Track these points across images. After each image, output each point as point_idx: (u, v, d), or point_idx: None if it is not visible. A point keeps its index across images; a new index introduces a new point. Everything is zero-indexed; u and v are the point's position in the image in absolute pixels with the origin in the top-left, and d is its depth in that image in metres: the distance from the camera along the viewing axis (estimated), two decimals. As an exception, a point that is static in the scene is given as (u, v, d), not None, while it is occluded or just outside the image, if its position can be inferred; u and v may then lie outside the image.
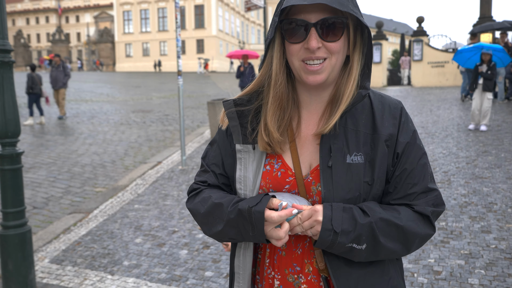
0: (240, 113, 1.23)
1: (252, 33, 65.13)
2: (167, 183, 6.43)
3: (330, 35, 1.10)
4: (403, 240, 1.13)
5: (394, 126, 1.17)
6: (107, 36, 59.47)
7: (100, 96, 18.90)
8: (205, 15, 51.65)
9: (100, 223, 5.00)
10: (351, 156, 1.14)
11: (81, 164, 7.77)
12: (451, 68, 18.43)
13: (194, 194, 1.30)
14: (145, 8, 54.72)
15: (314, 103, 1.22)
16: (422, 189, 1.16)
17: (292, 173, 1.18)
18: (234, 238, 1.19)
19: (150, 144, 9.40)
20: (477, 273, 3.35)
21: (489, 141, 7.66)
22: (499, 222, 4.26)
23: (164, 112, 13.90)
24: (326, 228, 1.07)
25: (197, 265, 3.82)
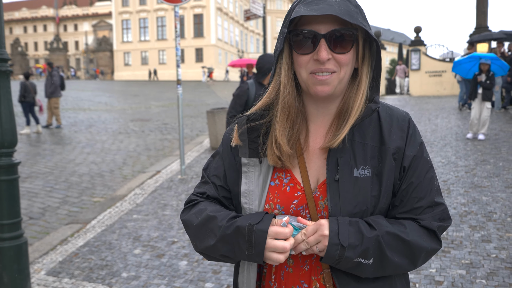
0: (251, 128, 1.22)
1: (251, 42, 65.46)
2: (166, 193, 6.41)
3: (339, 47, 1.09)
4: (409, 254, 1.12)
5: (402, 139, 1.15)
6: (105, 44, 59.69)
7: (98, 104, 18.92)
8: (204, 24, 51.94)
9: (98, 234, 4.97)
10: (358, 169, 1.13)
11: (78, 173, 7.75)
12: (448, 77, 18.52)
13: (191, 206, 1.27)
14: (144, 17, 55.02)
15: (321, 116, 1.21)
16: (429, 204, 1.15)
17: (300, 188, 1.17)
18: (225, 255, 1.16)
19: (149, 153, 9.38)
20: (478, 283, 3.34)
21: (487, 150, 7.68)
22: (499, 231, 4.25)
23: (163, 121, 13.91)
24: (333, 242, 1.05)
25: (197, 276, 3.79)
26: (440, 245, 1.17)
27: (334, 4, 1.05)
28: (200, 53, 51.81)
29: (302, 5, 1.08)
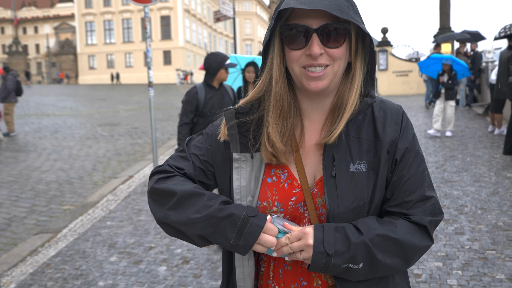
0: (241, 122, 1.19)
1: (220, 44, 65.32)
2: (140, 198, 6.31)
3: (332, 41, 1.08)
4: (401, 254, 1.10)
5: (396, 131, 1.15)
6: (68, 47, 58.16)
7: (63, 109, 18.42)
8: (172, 26, 51.40)
9: (71, 243, 4.83)
10: (355, 164, 1.12)
11: (45, 181, 7.52)
12: (414, 77, 19.07)
13: (166, 177, 1.19)
14: (109, 19, 53.94)
15: (315, 111, 1.20)
16: (419, 197, 1.14)
17: (298, 185, 1.16)
18: (203, 237, 1.10)
19: (120, 158, 9.21)
20: (454, 274, 3.45)
21: (455, 146, 7.95)
22: (471, 223, 4.41)
23: (132, 125, 13.68)
24: (318, 251, 1.05)
25: (177, 281, 3.75)
26: (431, 241, 1.16)
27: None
28: (168, 55, 51.25)
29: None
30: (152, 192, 1.19)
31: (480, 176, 5.91)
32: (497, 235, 4.08)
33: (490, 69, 10.68)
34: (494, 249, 3.80)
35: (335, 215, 1.10)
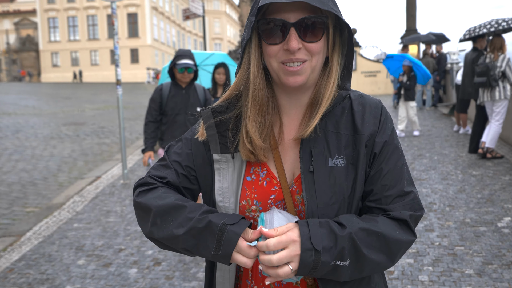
0: (219, 122, 1.16)
1: (189, 42, 64.72)
2: (109, 199, 6.15)
3: (310, 36, 1.06)
4: (386, 249, 1.08)
5: (375, 125, 1.13)
6: (30, 44, 56.21)
7: (25, 108, 17.78)
8: (139, 23, 50.49)
9: (35, 246, 4.66)
10: (333, 159, 1.11)
11: (7, 182, 7.23)
12: (382, 77, 19.50)
13: (147, 190, 1.16)
14: (73, 15, 52.42)
15: (294, 107, 1.18)
16: (398, 192, 1.12)
17: (277, 182, 1.14)
18: (187, 250, 1.09)
19: (86, 158, 8.97)
20: (426, 270, 3.53)
21: (423, 145, 8.16)
22: (440, 220, 4.53)
23: (99, 124, 13.35)
24: (306, 248, 0.99)
25: (149, 283, 3.67)
26: (414, 235, 1.13)
27: None
28: (136, 53, 50.34)
29: None
30: (135, 207, 1.18)
31: (447, 174, 6.09)
32: (465, 231, 4.20)
33: (455, 70, 11.04)
34: (463, 245, 3.91)
35: (313, 211, 1.08)
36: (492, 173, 5.94)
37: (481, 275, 3.38)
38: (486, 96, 6.62)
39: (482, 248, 3.81)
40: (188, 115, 4.19)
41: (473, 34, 7.22)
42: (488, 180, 5.67)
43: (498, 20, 6.91)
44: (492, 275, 3.35)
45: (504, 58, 6.40)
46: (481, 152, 6.67)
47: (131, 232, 4.84)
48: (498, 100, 6.48)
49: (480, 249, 3.80)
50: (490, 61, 6.52)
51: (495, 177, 5.75)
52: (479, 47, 7.33)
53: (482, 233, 4.13)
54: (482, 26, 7.08)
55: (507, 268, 3.43)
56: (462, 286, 3.25)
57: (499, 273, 3.38)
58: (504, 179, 5.63)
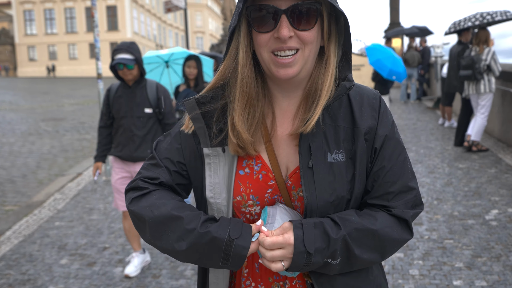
0: (205, 113, 1.11)
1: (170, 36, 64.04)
2: (91, 196, 6.03)
3: (302, 23, 1.02)
4: (379, 248, 1.08)
5: (373, 118, 1.11)
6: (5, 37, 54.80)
7: (1, 104, 17.37)
8: (119, 16, 49.71)
9: (15, 246, 4.54)
10: (332, 154, 1.07)
11: (-16, 180, 7.04)
12: (366, 71, 19.60)
13: (140, 196, 1.12)
14: (49, 8, 51.30)
15: (286, 99, 1.14)
16: (401, 188, 1.11)
17: (273, 176, 1.10)
18: (193, 263, 1.09)
19: (66, 154, 8.79)
20: (416, 264, 3.55)
21: (408, 138, 8.23)
22: (428, 214, 4.56)
23: (79, 119, 13.12)
24: (299, 250, 1.00)
25: (135, 282, 3.60)
26: (411, 234, 1.13)
27: None
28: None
29: None
30: (130, 214, 1.15)
31: (434, 168, 6.15)
32: (454, 224, 4.24)
33: (439, 63, 11.15)
34: (452, 238, 3.95)
35: (313, 209, 1.06)
36: (478, 166, 6.01)
37: (471, 268, 3.41)
38: (471, 89, 6.69)
39: (471, 241, 3.85)
40: (134, 118, 3.58)
41: (458, 28, 7.29)
42: (474, 173, 5.75)
43: (483, 13, 6.99)
44: (482, 268, 3.39)
45: (489, 51, 6.47)
46: (467, 145, 6.75)
47: (116, 229, 4.75)
48: (483, 93, 6.56)
49: (469, 242, 3.83)
50: (475, 54, 6.58)
51: (481, 170, 5.82)
52: (464, 40, 7.41)
53: (470, 226, 4.17)
54: (467, 19, 7.15)
55: (497, 261, 3.47)
56: (452, 279, 3.28)
57: (489, 265, 3.42)
58: (490, 172, 5.71)
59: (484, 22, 6.85)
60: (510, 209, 4.45)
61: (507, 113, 7.00)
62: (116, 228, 4.79)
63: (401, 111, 11.43)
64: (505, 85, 7.00)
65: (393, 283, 3.30)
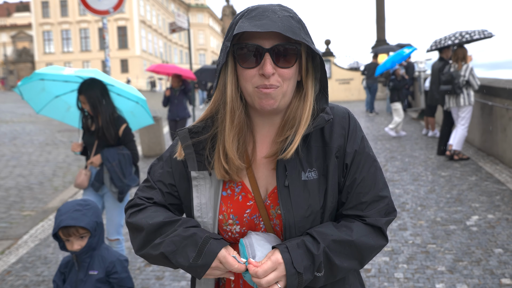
0: (196, 142, 1.14)
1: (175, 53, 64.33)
2: (102, 203, 5.99)
3: (283, 61, 1.05)
4: (357, 256, 1.09)
5: (343, 136, 1.12)
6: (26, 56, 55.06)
7: (22, 116, 17.34)
8: (128, 36, 50.05)
9: (32, 249, 4.49)
10: (306, 172, 1.09)
11: (4, 187, 7.00)
12: (355, 84, 19.69)
13: (138, 210, 1.15)
14: (66, 29, 51.59)
15: (267, 126, 1.16)
16: (373, 198, 1.12)
17: (252, 197, 1.12)
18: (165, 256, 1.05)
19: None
20: (401, 268, 3.50)
21: (394, 148, 8.20)
22: (412, 219, 4.52)
23: (92, 131, 13.08)
24: (291, 273, 1.01)
25: (140, 284, 3.56)
26: (386, 240, 1.15)
27: (277, 20, 1.00)
28: (125, 64, 49.81)
29: (245, 20, 1.02)
30: (128, 227, 1.17)
31: (418, 175, 6.12)
32: (436, 229, 4.20)
33: (423, 77, 11.14)
34: (435, 243, 3.91)
35: (291, 225, 1.07)
36: (460, 174, 5.98)
37: (453, 271, 3.37)
38: (452, 103, 6.69)
39: (452, 246, 3.81)
40: None
41: (439, 45, 7.30)
42: (456, 180, 5.71)
43: (462, 32, 7.00)
44: (463, 272, 3.34)
45: (467, 68, 6.48)
46: (449, 154, 6.73)
47: (123, 234, 4.70)
48: (463, 106, 6.55)
49: (451, 247, 3.79)
50: (454, 70, 6.58)
51: (463, 178, 5.79)
52: (445, 57, 7.41)
53: (452, 231, 4.13)
54: (448, 38, 7.16)
55: (477, 265, 3.43)
56: (435, 282, 3.23)
57: (470, 269, 3.38)
58: (471, 180, 5.68)
59: (463, 40, 6.86)
60: (490, 215, 4.41)
61: (486, 124, 6.99)
62: (123, 233, 4.74)
63: (388, 122, 11.40)
64: (483, 98, 7.00)
65: (379, 286, 3.25)
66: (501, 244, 3.74)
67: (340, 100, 19.63)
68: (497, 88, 6.49)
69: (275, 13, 1.02)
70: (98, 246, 2.18)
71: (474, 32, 6.87)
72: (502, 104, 6.25)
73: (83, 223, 2.06)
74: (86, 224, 2.07)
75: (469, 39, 6.81)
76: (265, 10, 1.03)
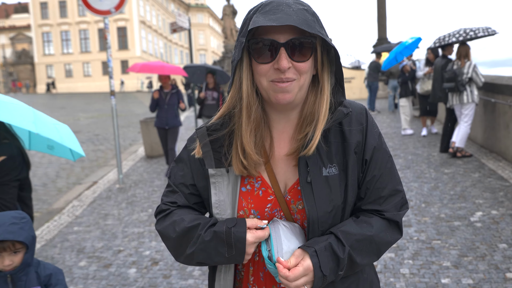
0: (214, 139, 1.16)
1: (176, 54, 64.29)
2: (106, 203, 6.04)
3: (298, 55, 1.05)
4: (376, 251, 1.14)
5: (361, 132, 1.14)
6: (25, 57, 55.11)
7: (23, 118, 17.38)
8: (128, 36, 49.99)
9: (38, 250, 4.54)
10: (327, 168, 1.11)
11: (8, 189, 7.04)
12: (357, 83, 19.70)
13: (164, 216, 1.20)
14: (65, 30, 51.56)
15: (283, 121, 1.17)
16: (390, 192, 1.16)
17: (272, 192, 1.14)
18: (202, 262, 1.12)
19: (83, 164, 8.81)
20: (406, 263, 3.55)
21: (397, 145, 8.23)
22: (417, 216, 4.56)
23: (93, 132, 13.15)
24: (319, 276, 1.05)
25: (147, 282, 3.60)
26: (401, 234, 1.18)
27: (292, 13, 1.00)
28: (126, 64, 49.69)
29: (259, 15, 1.03)
30: (159, 234, 1.22)
31: (421, 173, 6.15)
32: (441, 226, 4.24)
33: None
34: (439, 239, 3.95)
35: (314, 220, 1.09)
36: (463, 171, 6.02)
37: (458, 267, 3.41)
38: (455, 100, 6.72)
39: (457, 242, 3.85)
40: None
41: (442, 43, 7.32)
42: (459, 177, 5.75)
43: (466, 29, 7.01)
44: (468, 267, 3.38)
45: (470, 65, 6.51)
46: (452, 151, 6.76)
47: (129, 234, 4.75)
48: (466, 103, 6.58)
49: (456, 243, 3.83)
50: (457, 67, 6.62)
51: (466, 175, 5.83)
52: (447, 54, 7.44)
53: (456, 227, 4.17)
54: (451, 35, 7.18)
55: (482, 260, 3.47)
56: (440, 277, 3.27)
57: (475, 264, 3.42)
58: (474, 176, 5.72)
59: (467, 38, 6.88)
60: (493, 211, 4.45)
61: (489, 121, 7.02)
62: (129, 232, 4.79)
63: (390, 120, 11.44)
64: (486, 95, 7.03)
65: (385, 281, 3.30)
66: (505, 239, 3.78)
67: (342, 99, 19.67)
68: (500, 85, 6.52)
69: (289, 6, 1.02)
70: (31, 262, 2.00)
71: (478, 30, 6.88)
72: (505, 101, 6.29)
73: (22, 238, 1.85)
74: (24, 238, 1.87)
75: (473, 37, 6.82)
76: (279, 4, 1.02)
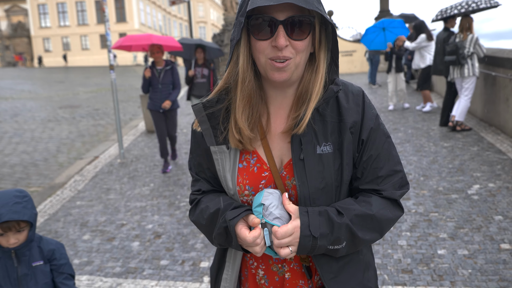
0: (211, 115, 1.17)
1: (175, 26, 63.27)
2: (108, 177, 6.10)
3: (297, 33, 1.05)
4: (378, 228, 1.15)
5: (358, 113, 1.15)
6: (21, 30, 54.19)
7: (22, 93, 17.31)
8: (126, 9, 49.03)
9: (42, 224, 4.62)
10: (321, 146, 1.12)
11: (9, 164, 7.10)
12: (358, 56, 19.47)
13: (194, 206, 1.27)
14: (62, 2, 50.57)
15: (280, 98, 1.18)
16: (388, 172, 1.17)
17: (267, 168, 1.16)
18: (223, 245, 1.20)
19: (83, 139, 8.83)
20: (404, 235, 3.62)
21: (397, 119, 8.23)
22: (415, 189, 4.62)
23: (93, 106, 13.11)
24: (305, 234, 1.06)
25: (151, 255, 3.69)
26: (402, 211, 1.20)
27: None
28: (124, 37, 49.22)
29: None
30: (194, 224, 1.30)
31: (421, 147, 6.18)
32: (438, 199, 4.30)
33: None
34: (437, 212, 4.01)
35: (305, 196, 1.11)
36: (462, 145, 6.05)
37: (454, 238, 3.48)
38: (456, 73, 6.67)
39: (454, 214, 3.91)
40: None
41: (444, 15, 7.21)
42: (458, 151, 5.78)
43: (468, 1, 6.90)
44: (464, 238, 3.46)
45: (473, 38, 6.43)
46: (451, 125, 6.76)
47: (131, 208, 4.82)
48: (467, 76, 6.54)
49: (453, 215, 3.90)
50: (459, 40, 6.54)
51: (465, 148, 5.86)
52: (450, 27, 7.34)
53: (453, 200, 4.23)
54: (454, 7, 7.06)
55: (477, 232, 3.54)
56: (437, 249, 3.35)
57: (470, 236, 3.49)
58: (473, 150, 5.75)
59: (469, 10, 6.77)
60: (490, 184, 4.50)
61: (489, 95, 6.99)
62: (131, 207, 4.87)
63: (391, 94, 11.36)
64: (487, 69, 6.97)
65: (383, 252, 3.37)
66: (501, 212, 3.84)
67: (343, 73, 19.49)
68: (501, 58, 6.46)
69: None
70: (34, 237, 2.03)
71: (481, 1, 6.76)
72: (505, 74, 6.24)
73: (26, 217, 1.88)
74: (29, 217, 1.89)
75: (476, 8, 6.71)
76: None
